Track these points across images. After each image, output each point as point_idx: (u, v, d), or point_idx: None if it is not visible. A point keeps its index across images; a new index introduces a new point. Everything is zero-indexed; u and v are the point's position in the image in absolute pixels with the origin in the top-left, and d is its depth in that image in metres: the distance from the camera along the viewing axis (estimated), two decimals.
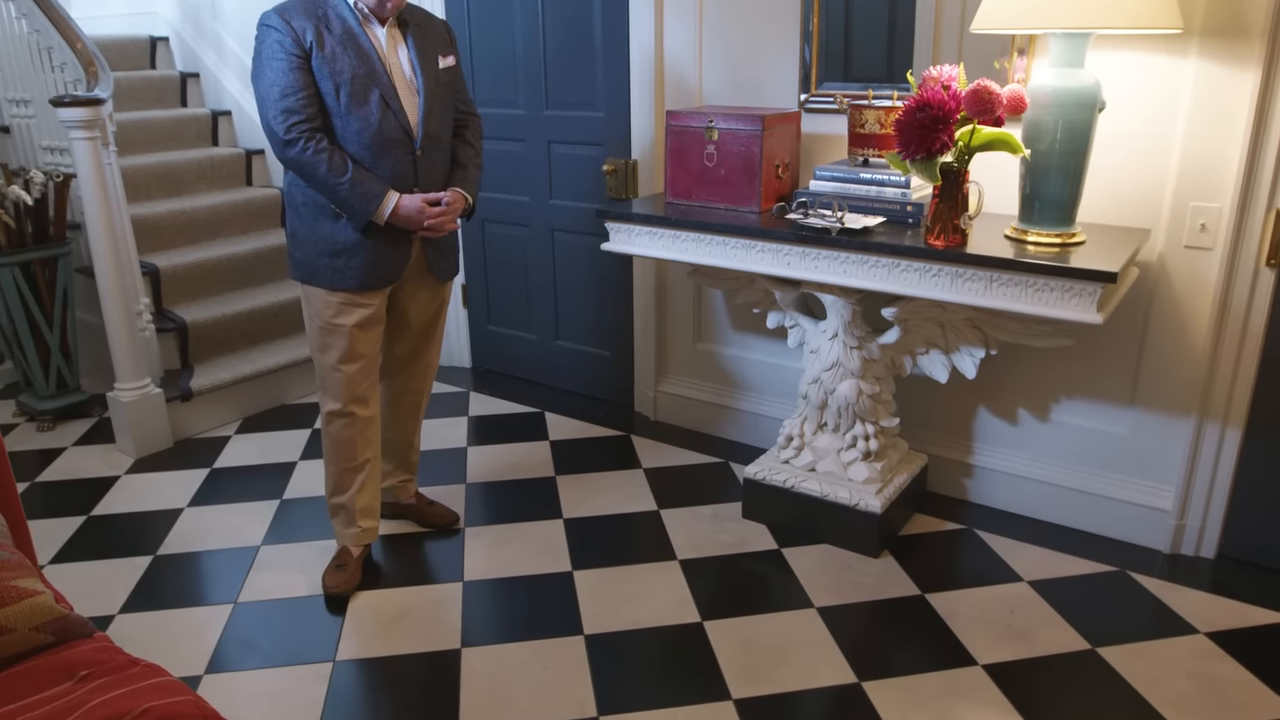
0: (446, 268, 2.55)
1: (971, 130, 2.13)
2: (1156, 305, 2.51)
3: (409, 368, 2.66)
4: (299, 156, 2.20)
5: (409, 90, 2.32)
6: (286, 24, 2.18)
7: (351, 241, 2.31)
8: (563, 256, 3.67)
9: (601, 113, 3.37)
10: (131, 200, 3.99)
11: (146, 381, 3.38)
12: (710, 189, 2.67)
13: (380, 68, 2.25)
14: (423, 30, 2.38)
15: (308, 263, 2.36)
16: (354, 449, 2.49)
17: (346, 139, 2.25)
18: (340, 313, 2.36)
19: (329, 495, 2.56)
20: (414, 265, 2.45)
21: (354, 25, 2.24)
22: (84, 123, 3.08)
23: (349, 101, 2.22)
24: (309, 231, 2.34)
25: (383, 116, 2.25)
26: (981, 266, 2.15)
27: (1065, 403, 2.71)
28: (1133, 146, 2.43)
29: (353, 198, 2.24)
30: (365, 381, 2.45)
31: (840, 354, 2.56)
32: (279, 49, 2.17)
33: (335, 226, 2.31)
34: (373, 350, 2.45)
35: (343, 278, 2.33)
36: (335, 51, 2.20)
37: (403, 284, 2.47)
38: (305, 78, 2.19)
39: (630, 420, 3.56)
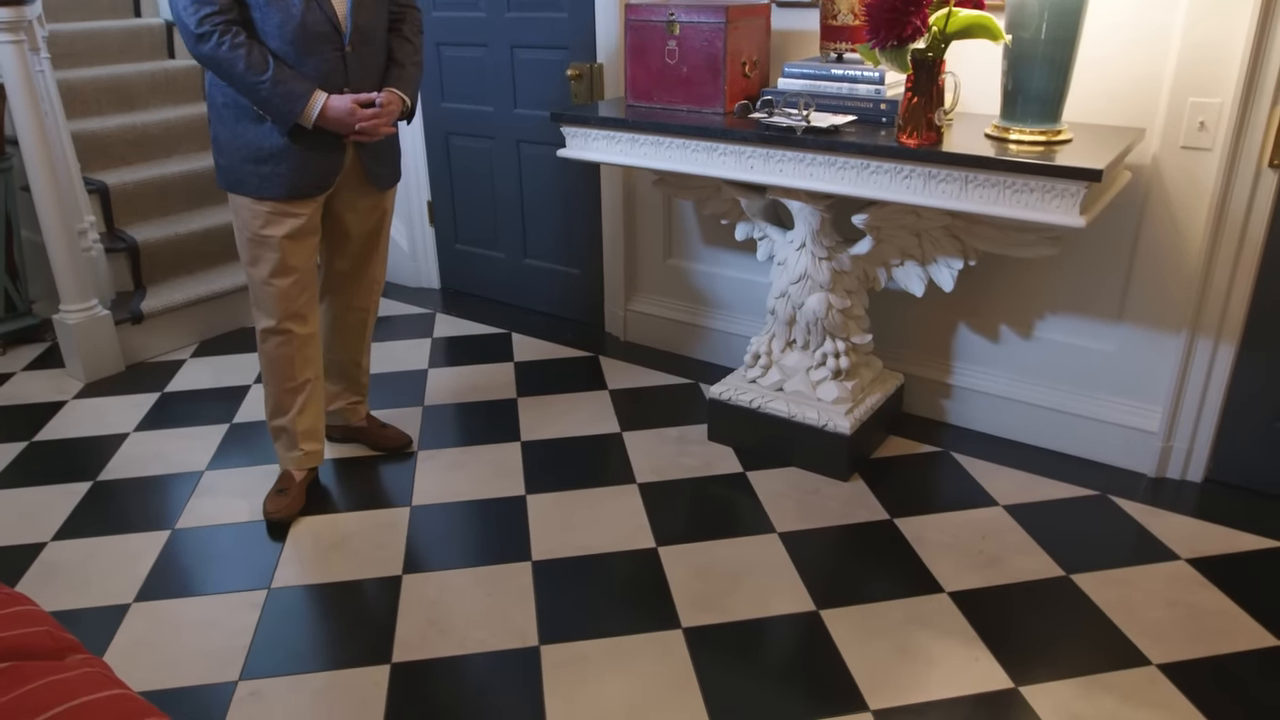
0: (385, 175, 2.38)
1: (947, 14, 1.93)
2: (1149, 212, 2.33)
3: (351, 284, 2.51)
4: (213, 53, 2.01)
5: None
6: None
7: (278, 146, 2.13)
8: (529, 169, 3.48)
9: (564, 13, 3.15)
10: (79, 115, 3.79)
11: (93, 303, 3.23)
12: (672, 89, 2.48)
13: None
14: None
15: (231, 169, 2.18)
16: (291, 368, 2.35)
17: (267, 33, 2.06)
18: (269, 223, 2.20)
19: (269, 417, 2.43)
20: (349, 172, 2.28)
21: None
22: (7, 24, 2.87)
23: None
24: (231, 136, 2.16)
25: (306, 8, 2.05)
26: (956, 166, 1.98)
27: (1050, 318, 2.55)
28: (1127, 36, 2.23)
29: (275, 98, 2.05)
30: (301, 297, 2.30)
31: (808, 265, 2.40)
32: None
33: (259, 130, 2.13)
34: (306, 263, 2.29)
35: (269, 185, 2.16)
36: None
37: (338, 193, 2.31)
38: None
39: (600, 341, 3.41)
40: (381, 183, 2.37)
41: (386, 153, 2.36)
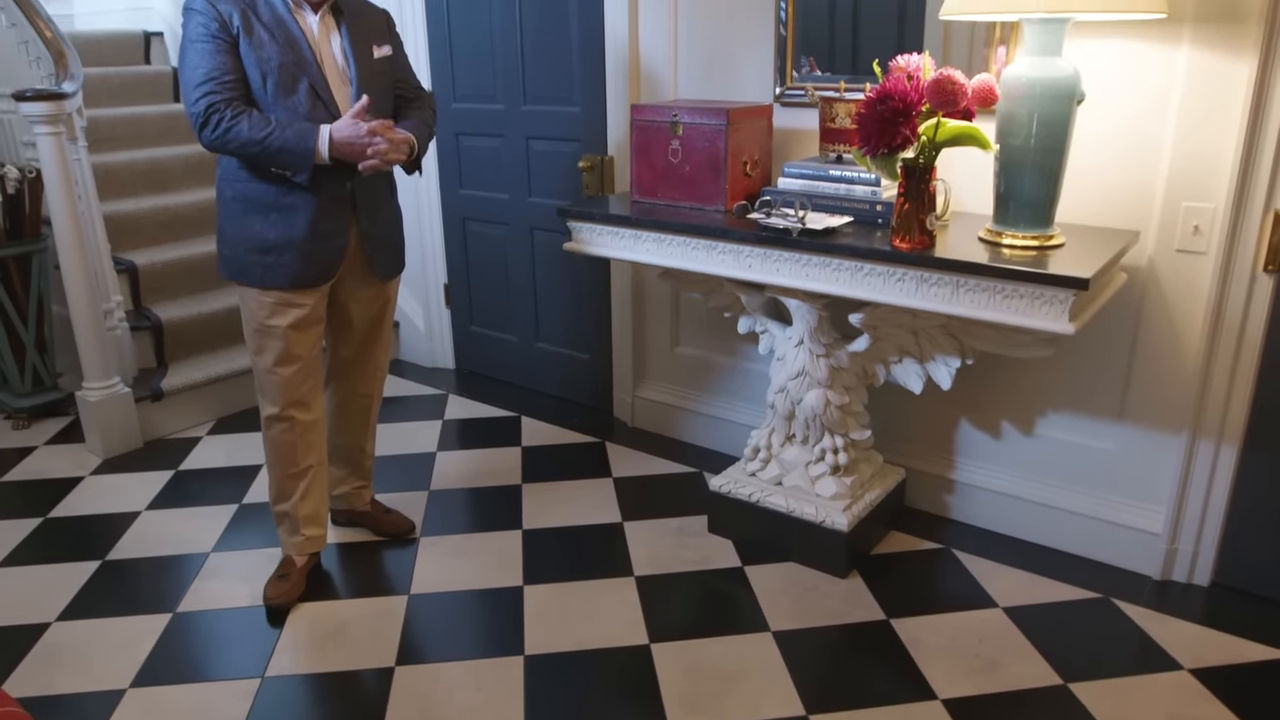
0: (388, 265, 2.45)
1: (936, 124, 1.99)
2: (1147, 313, 2.34)
3: (356, 370, 2.56)
4: (215, 134, 2.08)
5: (341, 80, 2.23)
6: (211, 7, 2.09)
7: (282, 238, 2.21)
8: (542, 256, 3.56)
9: (578, 108, 3.25)
10: (115, 196, 3.94)
11: (115, 381, 3.32)
12: (676, 186, 2.54)
13: (310, 56, 2.16)
14: (359, 19, 2.29)
15: (236, 260, 2.26)
16: (295, 454, 2.39)
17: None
18: (274, 313, 2.26)
19: (273, 502, 2.47)
20: (351, 262, 2.35)
21: (284, 12, 2.15)
22: (47, 117, 3.02)
23: (276, 91, 2.13)
24: (238, 228, 2.24)
25: (311, 106, 2.16)
26: (946, 271, 2.01)
27: (1051, 416, 2.55)
28: (1121, 142, 2.27)
29: (287, 142, 2.09)
30: (304, 385, 2.35)
31: (806, 362, 2.42)
32: (202, 31, 2.09)
33: (265, 223, 2.21)
34: (310, 352, 2.35)
35: (273, 276, 2.23)
36: (263, 39, 2.11)
37: (342, 282, 2.38)
38: (232, 61, 2.10)
39: (608, 426, 3.44)
40: (384, 272, 2.43)
41: (389, 244, 2.44)
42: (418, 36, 3.63)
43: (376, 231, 2.36)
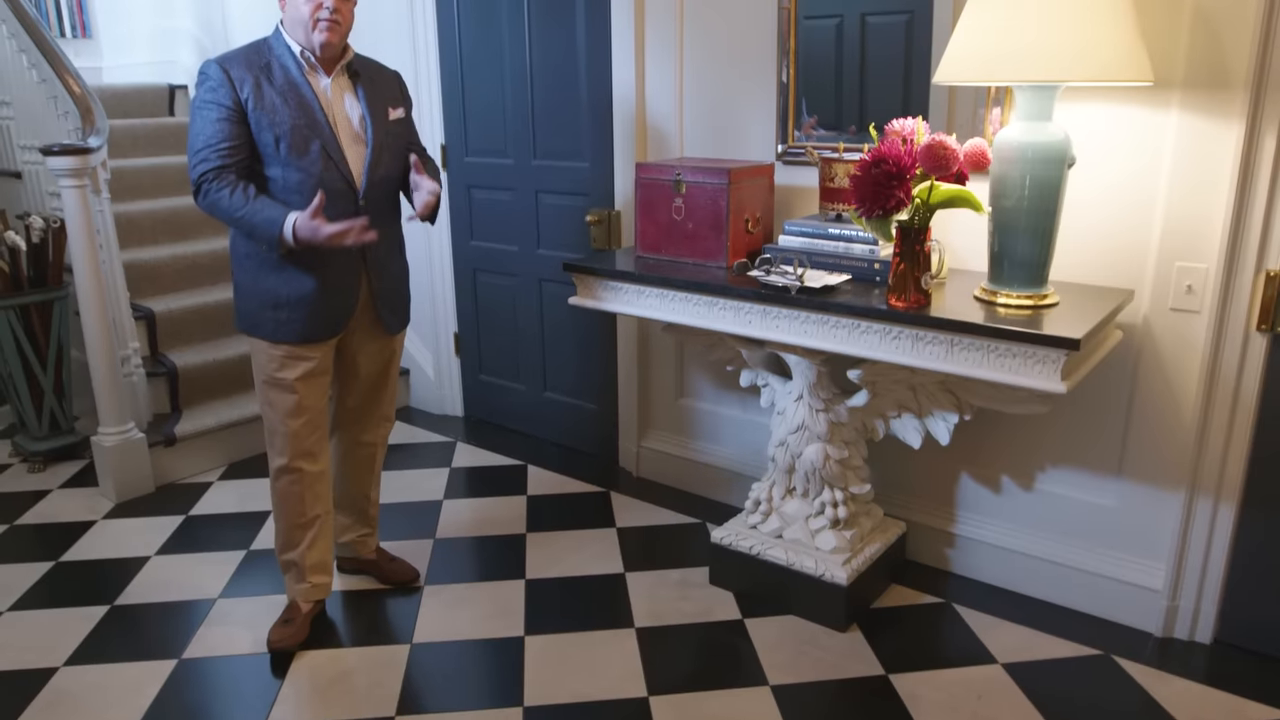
0: (395, 321, 2.50)
1: (930, 186, 2.04)
2: (1143, 370, 2.37)
3: (362, 420, 2.61)
4: (205, 201, 2.17)
5: (354, 141, 2.30)
6: (224, 73, 2.16)
7: (294, 294, 2.27)
8: (550, 307, 3.62)
9: (586, 163, 3.33)
10: (135, 245, 4.04)
11: (130, 426, 3.38)
12: (679, 243, 2.60)
13: (322, 118, 2.23)
14: (373, 82, 2.36)
15: (250, 314, 2.32)
16: (302, 505, 2.43)
17: (288, 189, 2.21)
18: (284, 366, 2.32)
19: (279, 551, 2.51)
20: (360, 317, 2.41)
21: (297, 75, 2.22)
22: (72, 171, 3.12)
23: (289, 153, 2.19)
24: (252, 282, 2.30)
25: (324, 167, 2.23)
26: (940, 329, 2.05)
27: (1050, 471, 2.56)
28: (1115, 203, 2.31)
29: (256, 225, 2.15)
30: (312, 436, 2.40)
31: (806, 416, 2.46)
32: (210, 97, 2.16)
33: (279, 279, 2.27)
34: (318, 404, 2.40)
35: (285, 330, 2.29)
36: (275, 103, 2.18)
37: (349, 335, 2.43)
38: (232, 129, 2.16)
39: (613, 476, 3.47)
40: (392, 327, 2.49)
41: (397, 299, 2.50)
42: (432, 92, 3.74)
43: (385, 287, 2.42)
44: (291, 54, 2.23)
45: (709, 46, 2.90)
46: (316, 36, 2.19)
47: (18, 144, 4.00)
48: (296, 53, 2.23)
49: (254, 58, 2.22)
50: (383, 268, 2.41)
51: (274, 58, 2.23)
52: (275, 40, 2.26)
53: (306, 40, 2.21)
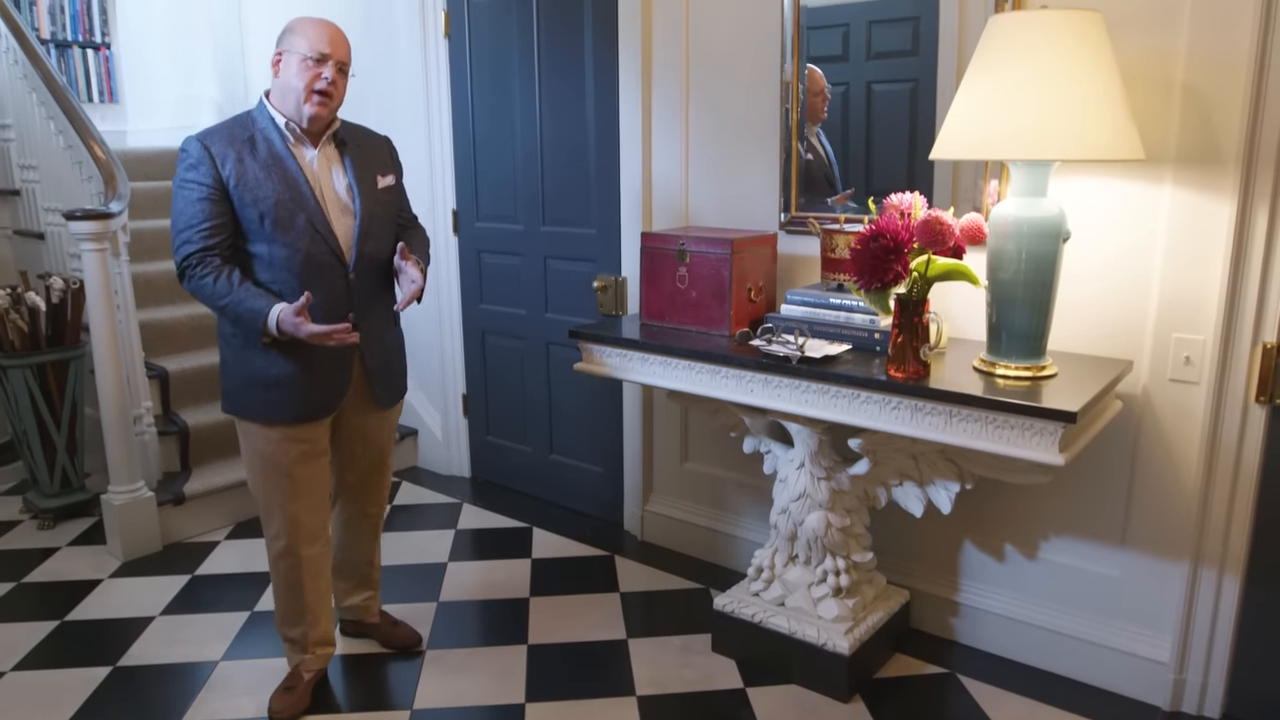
0: (388, 395, 2.45)
1: (927, 261, 2.08)
2: (1144, 440, 2.38)
3: (362, 493, 2.59)
4: (188, 285, 2.14)
5: (343, 212, 2.25)
6: (204, 150, 2.11)
7: (285, 373, 2.21)
8: (557, 370, 3.66)
9: (594, 230, 3.40)
10: (152, 304, 4.11)
11: (139, 485, 3.41)
12: (682, 311, 2.65)
13: (308, 191, 2.18)
14: (362, 150, 2.32)
15: (238, 394, 2.26)
16: (301, 588, 2.40)
17: (274, 265, 2.16)
18: (279, 448, 2.26)
19: (279, 624, 2.49)
20: (354, 394, 2.36)
21: (281, 148, 2.18)
22: (94, 235, 3.20)
23: (274, 228, 2.14)
24: (239, 362, 2.24)
25: (311, 241, 2.17)
26: (940, 401, 2.07)
27: (1054, 540, 2.56)
28: (1111, 275, 2.35)
29: (240, 316, 2.12)
30: (313, 519, 2.36)
31: (807, 484, 2.47)
32: (191, 176, 2.11)
33: (266, 358, 2.20)
34: (318, 485, 2.36)
35: (277, 411, 2.23)
36: (258, 177, 2.13)
37: (344, 413, 2.38)
38: (214, 208, 2.11)
39: (618, 539, 3.47)
40: (384, 403, 2.44)
41: (391, 374, 2.45)
42: (445, 159, 3.83)
43: (379, 363, 2.38)
44: (275, 126, 2.19)
45: (714, 117, 2.98)
46: (307, 109, 2.15)
47: (42, 206, 4.10)
48: (281, 124, 2.19)
49: (237, 131, 2.17)
50: (376, 342, 2.37)
51: (257, 130, 2.18)
52: (259, 112, 2.21)
53: (295, 112, 2.17)
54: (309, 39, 2.16)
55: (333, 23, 2.23)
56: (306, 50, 2.15)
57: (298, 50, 2.16)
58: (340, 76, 2.20)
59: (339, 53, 2.19)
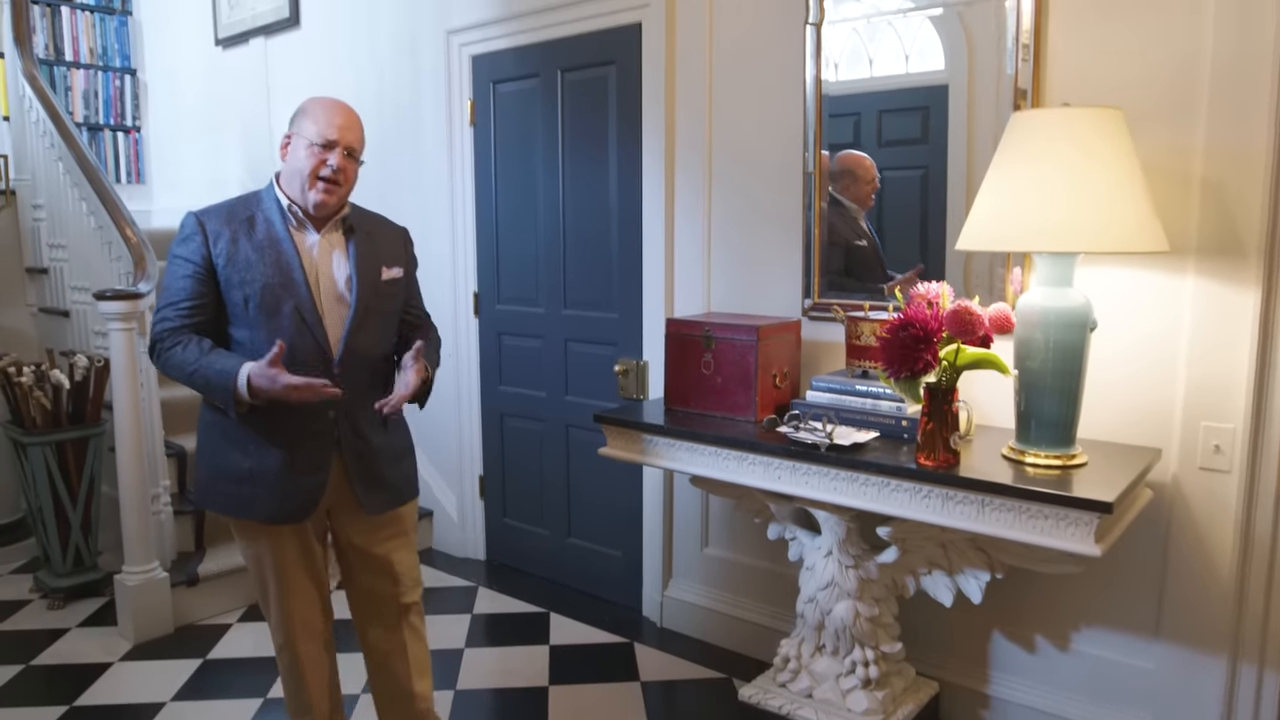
0: (375, 500, 2.19)
1: (956, 350, 2.09)
2: (1175, 529, 2.36)
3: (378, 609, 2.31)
4: (159, 361, 2.04)
5: (337, 302, 2.12)
6: (198, 226, 2.05)
7: (257, 468, 2.06)
8: (576, 453, 3.65)
9: (616, 314, 3.43)
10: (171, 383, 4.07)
11: (154, 565, 3.38)
12: (708, 397, 2.65)
13: (300, 278, 2.06)
14: (371, 238, 2.20)
15: (205, 485, 2.14)
16: (303, 681, 2.29)
17: (256, 353, 2.00)
18: (261, 545, 2.13)
19: (288, 712, 2.40)
20: (337, 497, 2.17)
21: (281, 231, 2.07)
22: (122, 315, 3.24)
23: (258, 313, 2.03)
24: (213, 451, 2.12)
25: (296, 330, 2.03)
26: (972, 490, 2.06)
27: (1085, 631, 2.52)
28: (1137, 363, 2.36)
29: (210, 378, 1.97)
30: (309, 614, 2.24)
31: (835, 572, 2.44)
32: (180, 251, 2.05)
33: (241, 451, 2.07)
34: (311, 581, 2.22)
35: (246, 507, 2.08)
36: (250, 259, 2.03)
37: (335, 515, 2.22)
38: (197, 287, 2.03)
39: (637, 625, 3.42)
40: (373, 509, 2.20)
41: (381, 479, 2.21)
42: (467, 242, 3.90)
43: (362, 467, 2.16)
44: (279, 207, 2.09)
45: (736, 204, 3.04)
46: (312, 195, 2.06)
47: (69, 285, 4.17)
48: (284, 205, 2.09)
49: (238, 210, 2.09)
50: (359, 444, 2.16)
51: (259, 210, 2.09)
52: (266, 192, 2.13)
53: (301, 196, 2.08)
54: (318, 123, 2.07)
55: (345, 105, 2.14)
56: (314, 135, 2.06)
57: (305, 134, 2.07)
58: (349, 162, 2.09)
59: (348, 138, 2.08)
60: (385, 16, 4.15)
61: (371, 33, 4.23)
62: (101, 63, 5.56)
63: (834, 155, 2.78)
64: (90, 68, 5.51)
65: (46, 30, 5.32)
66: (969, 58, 2.56)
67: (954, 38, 2.58)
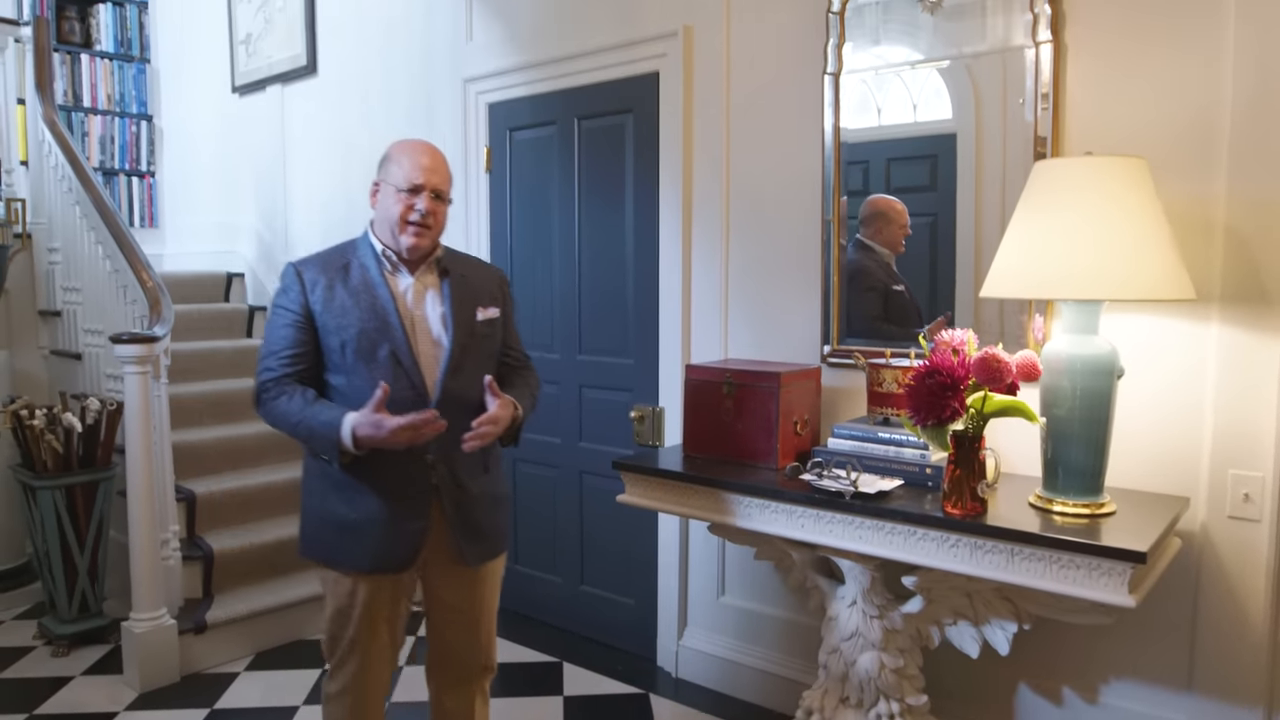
0: (475, 551, 2.20)
1: (984, 397, 2.08)
2: (1205, 579, 2.32)
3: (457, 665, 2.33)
4: (262, 410, 2.08)
5: (433, 344, 2.14)
6: (297, 276, 2.10)
7: (360, 517, 2.09)
8: (590, 499, 3.62)
9: (631, 360, 3.43)
10: (183, 426, 4.10)
11: (162, 612, 3.33)
12: (728, 444, 2.63)
13: (396, 321, 2.09)
14: (465, 280, 2.22)
15: (313, 538, 2.17)
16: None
17: (352, 399, 2.03)
18: (351, 599, 2.12)
19: None
20: (437, 547, 2.16)
21: (375, 275, 2.12)
22: (138, 358, 3.24)
23: (354, 358, 2.06)
24: (318, 505, 2.15)
25: (393, 374, 2.05)
26: (1002, 539, 2.03)
27: (1114, 683, 2.47)
28: (1162, 410, 2.34)
29: (314, 429, 2.00)
30: (381, 667, 2.21)
31: (860, 622, 2.40)
32: (281, 302, 2.10)
33: (343, 500, 2.10)
34: (387, 636, 2.19)
35: (349, 557, 2.11)
36: (346, 305, 2.08)
37: (429, 567, 2.21)
38: (298, 335, 2.07)
39: (651, 675, 3.36)
40: (473, 560, 2.21)
41: (480, 528, 2.22)
42: None
43: (464, 514, 2.17)
44: (374, 252, 2.15)
45: (754, 250, 3.05)
46: (404, 240, 2.10)
47: (82, 328, 4.17)
48: (379, 251, 2.15)
49: (334, 258, 2.15)
50: (458, 492, 2.16)
51: (355, 257, 2.15)
52: (361, 240, 2.19)
53: (393, 241, 2.13)
54: (402, 169, 2.11)
55: (430, 146, 2.18)
56: (400, 181, 2.10)
57: (392, 180, 2.12)
58: (438, 204, 2.13)
59: (433, 180, 2.12)
60: (402, 65, 4.21)
61: (388, 81, 4.29)
62: (118, 109, 5.64)
63: (863, 200, 2.79)
64: (107, 114, 5.59)
65: (66, 77, 5.40)
66: (976, 108, 2.59)
67: (961, 89, 2.62)
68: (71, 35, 5.50)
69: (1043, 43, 2.41)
